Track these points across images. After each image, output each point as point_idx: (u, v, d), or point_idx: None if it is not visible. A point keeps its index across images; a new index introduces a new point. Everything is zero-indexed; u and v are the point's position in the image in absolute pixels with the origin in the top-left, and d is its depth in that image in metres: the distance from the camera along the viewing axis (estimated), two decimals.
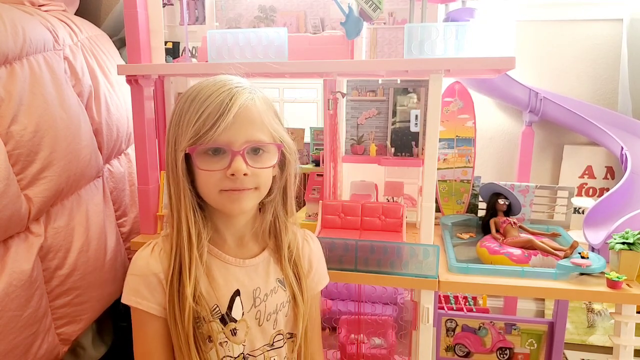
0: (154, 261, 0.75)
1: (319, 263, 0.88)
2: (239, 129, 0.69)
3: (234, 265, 0.78)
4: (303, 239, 0.86)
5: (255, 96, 0.73)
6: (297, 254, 0.82)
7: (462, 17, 1.07)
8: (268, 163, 0.74)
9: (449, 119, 1.39)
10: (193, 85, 0.74)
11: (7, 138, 1.02)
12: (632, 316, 0.99)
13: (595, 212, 1.20)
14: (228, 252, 0.78)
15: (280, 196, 0.81)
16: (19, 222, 1.05)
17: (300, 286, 0.81)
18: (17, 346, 1.03)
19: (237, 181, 0.70)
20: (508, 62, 0.97)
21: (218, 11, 1.36)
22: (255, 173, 0.72)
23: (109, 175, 1.38)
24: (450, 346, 1.37)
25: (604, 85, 1.60)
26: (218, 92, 0.69)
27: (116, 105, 1.41)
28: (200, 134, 0.69)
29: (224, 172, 0.70)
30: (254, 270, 0.79)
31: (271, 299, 0.78)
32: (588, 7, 1.56)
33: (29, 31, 1.14)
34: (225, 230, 0.79)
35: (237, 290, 0.76)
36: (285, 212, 0.82)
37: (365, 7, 1.02)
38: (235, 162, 0.69)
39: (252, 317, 0.77)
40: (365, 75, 1.27)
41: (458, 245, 1.23)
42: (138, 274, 0.75)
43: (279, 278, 0.80)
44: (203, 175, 0.72)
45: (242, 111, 0.69)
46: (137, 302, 0.74)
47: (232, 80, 0.73)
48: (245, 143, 0.70)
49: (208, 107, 0.68)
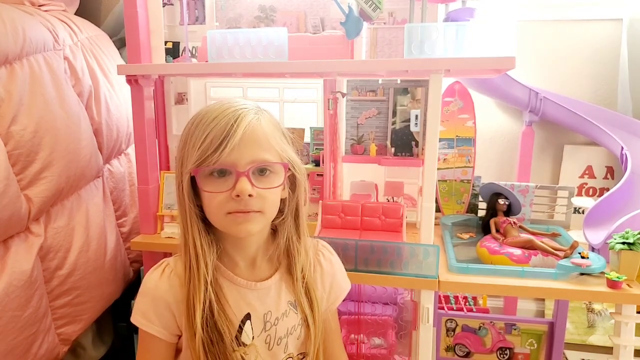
0: (164, 285, 0.75)
1: (333, 278, 0.85)
2: (244, 150, 0.68)
3: (245, 287, 0.76)
4: (315, 260, 0.83)
5: (261, 117, 0.72)
6: (309, 277, 0.80)
7: (462, 17, 1.07)
8: (275, 183, 0.72)
9: (449, 119, 1.39)
10: (200, 109, 0.74)
11: (7, 138, 1.02)
12: (632, 316, 0.99)
13: (596, 212, 1.20)
14: (239, 274, 0.77)
15: (291, 218, 0.79)
16: (19, 222, 1.05)
17: (312, 308, 0.79)
18: (17, 346, 1.03)
19: (242, 203, 0.69)
20: (508, 62, 0.97)
21: (218, 11, 1.36)
22: (261, 195, 0.70)
23: (109, 175, 1.38)
24: (450, 346, 1.37)
25: (604, 85, 1.60)
26: (223, 114, 0.69)
27: (116, 105, 1.41)
28: (206, 155, 0.68)
29: (228, 193, 0.69)
30: (265, 294, 0.77)
31: (282, 322, 0.77)
32: (588, 7, 1.55)
33: (29, 31, 1.14)
34: (236, 253, 0.77)
35: (247, 314, 0.75)
36: (298, 234, 0.80)
37: (365, 7, 1.02)
38: (240, 182, 0.68)
39: (262, 342, 0.76)
40: (365, 75, 1.27)
41: (458, 245, 1.23)
42: (148, 297, 0.75)
43: (291, 301, 0.79)
44: (208, 197, 0.71)
45: (247, 132, 0.68)
46: (144, 325, 0.75)
47: (237, 102, 0.72)
48: (251, 163, 0.69)
49: (214, 129, 0.68)
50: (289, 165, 0.74)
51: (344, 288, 0.87)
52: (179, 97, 1.41)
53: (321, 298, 0.82)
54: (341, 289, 0.87)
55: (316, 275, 0.82)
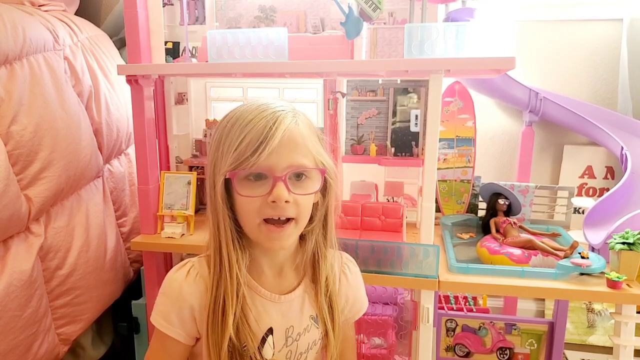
0: (189, 288, 0.72)
1: (356, 292, 0.83)
2: (281, 154, 0.66)
3: (269, 300, 0.74)
4: (340, 271, 0.81)
5: (299, 120, 0.69)
6: (332, 289, 0.77)
7: (462, 17, 1.07)
8: (311, 189, 0.70)
9: (449, 119, 1.39)
10: (233, 109, 0.71)
11: (7, 138, 1.02)
12: (632, 316, 0.99)
13: (595, 212, 1.20)
14: (264, 284, 0.75)
15: (320, 224, 0.76)
16: (19, 222, 1.04)
17: (332, 320, 0.77)
18: (17, 346, 1.03)
19: (278, 209, 0.67)
20: (508, 62, 0.97)
21: (218, 11, 1.36)
22: (297, 201, 0.68)
23: (109, 175, 1.38)
24: (450, 346, 1.37)
25: (604, 85, 1.60)
26: (260, 115, 0.67)
27: (116, 105, 1.41)
28: (242, 159, 0.65)
29: (264, 198, 0.67)
30: (288, 308, 0.75)
31: (304, 338, 0.75)
32: (588, 7, 1.56)
33: (29, 31, 1.14)
34: (264, 261, 0.75)
35: (270, 329, 0.73)
36: (325, 241, 0.77)
37: (365, 7, 1.02)
38: (277, 188, 0.66)
39: (282, 357, 0.74)
40: (365, 75, 1.27)
41: (458, 245, 1.23)
42: (170, 298, 0.73)
43: (312, 315, 0.77)
44: (243, 202, 0.68)
45: (285, 136, 0.66)
46: (164, 327, 0.72)
47: (274, 103, 0.70)
48: (288, 168, 0.67)
49: (251, 132, 0.65)
50: (325, 171, 0.72)
51: (364, 303, 0.86)
52: (179, 97, 1.41)
53: (342, 309, 0.80)
54: (362, 304, 0.85)
55: (341, 287, 0.80)
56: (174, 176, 1.25)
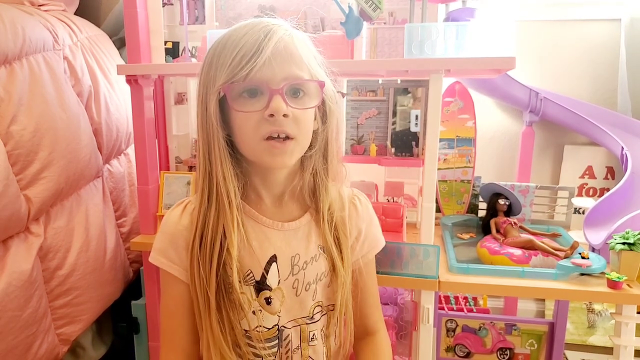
0: (185, 221, 0.70)
1: (369, 227, 0.80)
2: (276, 66, 0.64)
3: (271, 228, 0.72)
4: (350, 202, 0.78)
5: (294, 33, 0.68)
6: (339, 218, 0.74)
7: (462, 17, 1.07)
8: (309, 104, 0.67)
9: (449, 119, 1.39)
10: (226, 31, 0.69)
11: (7, 138, 1.02)
12: (633, 316, 0.99)
13: (596, 212, 1.20)
14: (265, 213, 0.72)
15: (320, 152, 0.73)
16: (19, 222, 1.04)
17: (340, 253, 0.74)
18: (17, 346, 1.03)
19: (277, 123, 0.64)
20: (508, 62, 0.97)
21: (218, 11, 1.36)
22: (296, 117, 0.65)
23: (108, 175, 1.38)
24: (450, 347, 1.37)
25: (604, 85, 1.60)
26: (253, 29, 0.65)
27: (116, 105, 1.41)
28: (236, 71, 0.63)
29: (261, 113, 0.64)
30: (293, 235, 0.72)
31: (311, 267, 0.72)
32: (587, 7, 1.56)
33: (29, 31, 1.14)
34: (263, 187, 0.72)
35: (273, 256, 0.71)
36: (326, 170, 0.74)
37: (365, 7, 1.02)
38: (274, 101, 0.63)
39: (289, 286, 0.71)
40: (365, 75, 1.27)
41: (458, 245, 1.23)
42: (167, 234, 0.71)
43: (321, 245, 0.74)
44: (240, 119, 0.66)
45: (279, 46, 0.64)
46: (163, 263, 0.71)
47: (267, 19, 0.67)
48: (284, 80, 0.65)
49: (244, 46, 0.63)
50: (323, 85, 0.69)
51: (379, 240, 0.83)
52: (179, 97, 1.40)
53: (353, 243, 0.77)
54: (377, 240, 0.82)
55: (351, 219, 0.77)
56: (173, 176, 1.25)
